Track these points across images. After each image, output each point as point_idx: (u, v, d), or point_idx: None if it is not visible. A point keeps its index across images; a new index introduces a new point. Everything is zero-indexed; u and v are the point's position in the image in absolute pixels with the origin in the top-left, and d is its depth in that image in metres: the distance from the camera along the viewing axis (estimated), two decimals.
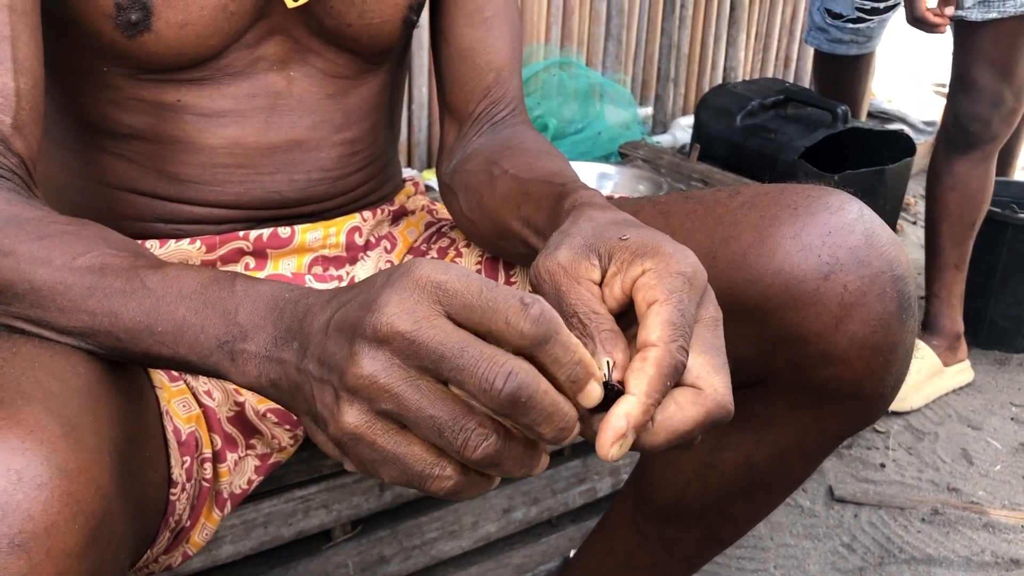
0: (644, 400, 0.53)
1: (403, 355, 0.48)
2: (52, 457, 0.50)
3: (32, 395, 0.53)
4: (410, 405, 0.48)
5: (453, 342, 0.47)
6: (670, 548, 0.98)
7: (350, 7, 0.86)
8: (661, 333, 0.55)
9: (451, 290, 0.49)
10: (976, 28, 1.82)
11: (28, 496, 0.49)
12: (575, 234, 0.63)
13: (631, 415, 0.53)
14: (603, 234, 0.62)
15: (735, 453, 0.88)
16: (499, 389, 0.47)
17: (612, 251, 0.61)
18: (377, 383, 0.48)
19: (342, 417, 0.50)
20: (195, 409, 0.82)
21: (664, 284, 0.57)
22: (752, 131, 2.08)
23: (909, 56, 4.23)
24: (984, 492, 1.71)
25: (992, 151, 1.93)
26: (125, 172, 0.88)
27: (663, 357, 0.54)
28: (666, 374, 0.54)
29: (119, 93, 0.84)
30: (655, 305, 0.56)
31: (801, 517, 1.60)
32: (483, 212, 0.89)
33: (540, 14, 2.66)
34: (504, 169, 0.87)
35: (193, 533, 0.82)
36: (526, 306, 0.48)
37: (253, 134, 0.87)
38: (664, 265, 0.58)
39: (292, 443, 0.92)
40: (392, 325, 0.48)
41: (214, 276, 0.60)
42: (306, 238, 0.93)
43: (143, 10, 0.78)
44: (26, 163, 0.72)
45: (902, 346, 0.78)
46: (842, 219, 0.75)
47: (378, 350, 0.48)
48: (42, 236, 0.63)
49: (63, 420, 0.53)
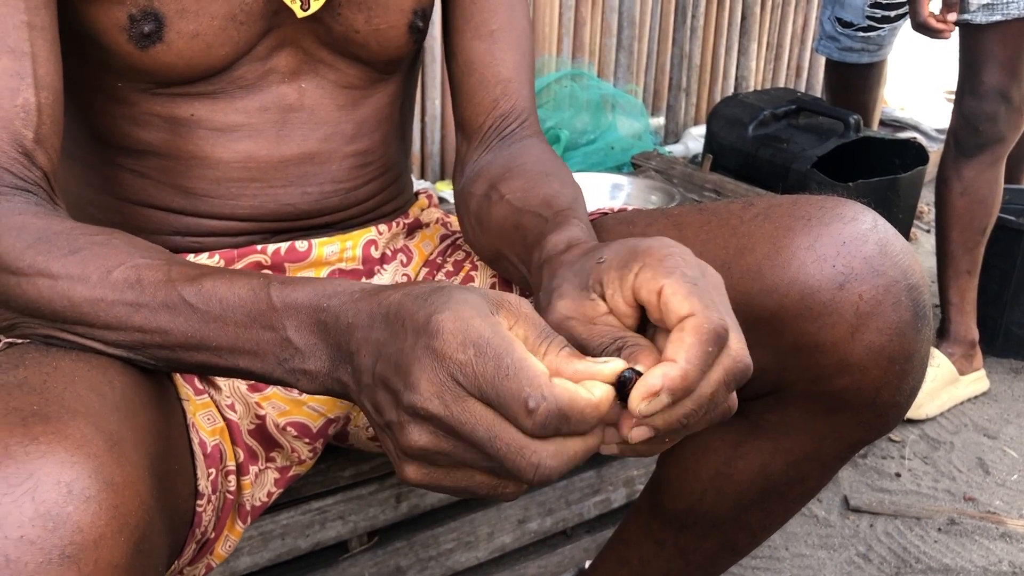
0: (683, 365, 0.54)
1: (445, 430, 0.52)
2: (100, 471, 0.52)
3: (77, 410, 0.55)
4: (465, 459, 0.53)
5: (483, 430, 0.51)
6: (686, 557, 0.99)
7: (357, 12, 0.87)
8: (690, 304, 0.56)
9: (468, 374, 0.51)
10: (982, 31, 1.82)
11: (78, 509, 0.50)
12: (560, 284, 0.65)
13: (668, 375, 0.54)
14: (582, 269, 0.64)
15: (751, 462, 0.88)
16: (529, 478, 0.52)
17: (599, 277, 0.62)
18: (429, 451, 0.53)
19: (406, 471, 0.55)
20: (219, 422, 0.83)
21: (660, 269, 0.59)
22: (764, 141, 2.09)
23: (921, 64, 4.22)
24: (1001, 502, 1.70)
25: (1000, 154, 1.93)
26: (141, 187, 0.89)
27: (700, 324, 0.55)
28: (706, 340, 0.55)
29: (134, 109, 0.85)
30: (664, 288, 0.58)
31: (816, 527, 1.59)
32: (483, 238, 0.91)
33: (552, 26, 2.67)
34: (501, 194, 0.88)
35: (217, 545, 0.83)
36: (531, 412, 0.51)
37: (265, 148, 0.88)
38: (651, 256, 0.60)
39: (311, 456, 0.93)
40: (427, 409, 0.52)
41: (248, 284, 0.62)
42: (323, 252, 0.94)
43: (156, 21, 0.79)
44: (48, 176, 0.73)
45: (917, 355, 0.78)
46: (856, 229, 0.76)
47: (422, 425, 0.53)
48: (73, 251, 0.65)
49: (107, 435, 0.54)
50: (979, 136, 1.90)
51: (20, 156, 0.71)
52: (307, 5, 0.84)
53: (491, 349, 0.51)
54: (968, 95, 1.90)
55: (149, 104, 0.85)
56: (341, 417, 0.93)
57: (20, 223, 0.67)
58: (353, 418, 0.96)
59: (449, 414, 0.51)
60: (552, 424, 0.51)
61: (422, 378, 0.52)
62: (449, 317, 0.52)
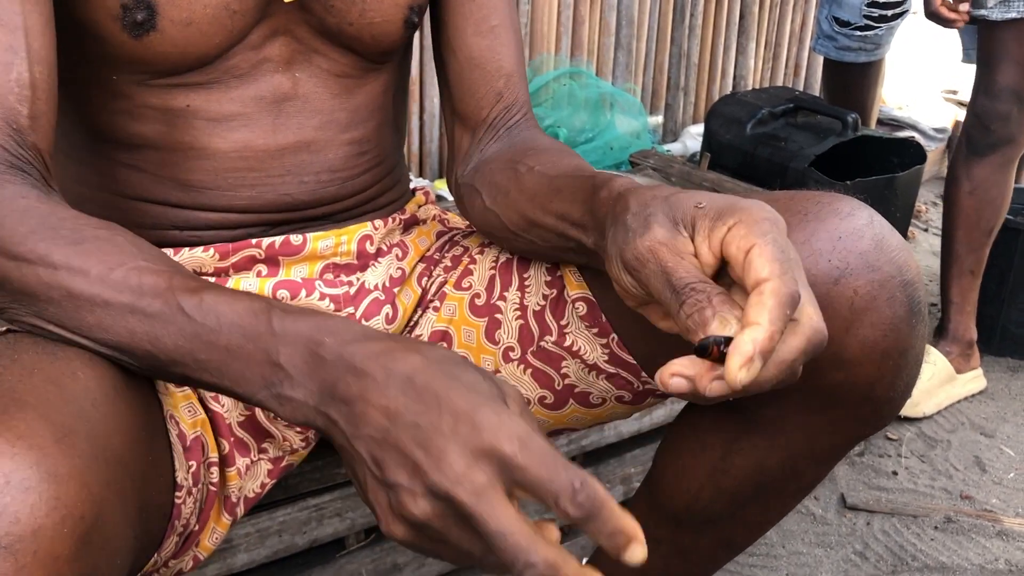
0: (768, 327, 0.57)
1: (457, 515, 0.53)
2: (42, 462, 0.51)
3: (26, 402, 0.55)
4: (452, 541, 0.55)
5: (500, 526, 0.52)
6: (683, 554, 0.99)
7: (351, 6, 0.87)
8: (771, 268, 0.59)
9: (514, 465, 0.53)
10: (997, 28, 1.80)
11: (15, 500, 0.50)
12: (655, 212, 0.67)
13: (757, 340, 0.57)
14: (679, 206, 0.66)
15: (747, 458, 0.88)
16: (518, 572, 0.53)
17: (694, 220, 0.65)
18: (429, 525, 0.54)
19: (394, 529, 0.56)
20: (200, 414, 0.83)
21: (755, 230, 0.61)
22: (762, 140, 2.09)
23: (919, 63, 4.22)
24: (997, 500, 1.70)
25: (1012, 156, 1.92)
26: (138, 182, 0.89)
27: (779, 288, 0.58)
28: (784, 303, 0.58)
29: (129, 102, 0.85)
30: (755, 248, 0.61)
31: (813, 525, 1.60)
32: (509, 205, 0.90)
33: (550, 24, 2.67)
34: (530, 166, 0.89)
35: (203, 537, 0.83)
36: (575, 492, 0.52)
37: (262, 136, 0.88)
38: (748, 216, 0.62)
39: (304, 445, 0.93)
40: (455, 493, 0.53)
41: (249, 306, 0.62)
42: (318, 246, 0.94)
43: (148, 9, 0.79)
44: (43, 154, 0.73)
45: (912, 350, 0.78)
46: (852, 225, 0.76)
47: (434, 502, 0.54)
48: (76, 242, 0.64)
49: (56, 426, 0.54)
50: (991, 135, 1.89)
51: (14, 133, 0.70)
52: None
53: (536, 444, 0.54)
54: (982, 93, 1.89)
55: (144, 96, 0.85)
56: None
57: (23, 206, 0.66)
58: None
59: (475, 503, 0.52)
60: (587, 510, 0.53)
61: (457, 463, 0.53)
62: (492, 413, 0.54)
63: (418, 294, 1.00)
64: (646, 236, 0.65)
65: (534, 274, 0.95)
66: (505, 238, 0.94)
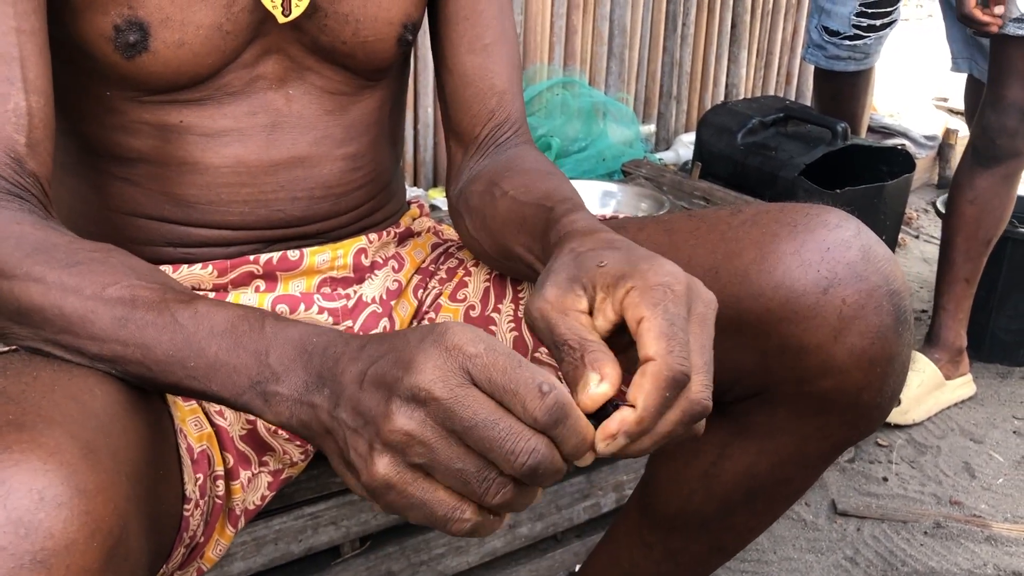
0: (640, 412, 0.58)
1: (437, 417, 0.53)
2: (72, 478, 0.52)
3: (53, 418, 0.56)
4: (440, 459, 0.53)
5: (485, 415, 0.53)
6: (674, 559, 1.00)
7: (344, 25, 0.88)
8: (656, 347, 0.59)
9: (480, 364, 0.53)
10: (1009, 43, 1.80)
11: (49, 515, 0.51)
12: (558, 270, 0.67)
13: (625, 422, 0.58)
14: (583, 264, 0.67)
15: (737, 463, 0.90)
16: (522, 462, 0.53)
17: (594, 279, 0.65)
18: (412, 438, 0.53)
19: (375, 467, 0.54)
20: (207, 428, 0.84)
21: (647, 298, 0.61)
22: (753, 149, 2.11)
23: (911, 71, 4.25)
24: (986, 505, 1.72)
25: (1016, 169, 1.92)
26: (132, 197, 0.90)
27: (660, 370, 0.58)
28: (663, 386, 0.58)
29: (123, 117, 0.86)
30: (644, 321, 0.60)
31: (804, 531, 1.61)
32: (487, 233, 0.92)
33: (543, 34, 2.69)
34: (504, 190, 0.90)
35: (207, 549, 0.84)
36: (543, 394, 0.53)
37: (255, 152, 0.89)
38: (643, 281, 0.62)
39: (303, 458, 0.94)
40: (429, 390, 0.53)
41: (243, 314, 0.63)
42: (314, 260, 0.95)
43: (140, 31, 0.80)
44: (41, 181, 0.74)
45: (899, 358, 0.80)
46: (840, 236, 0.78)
47: (414, 409, 0.53)
48: (71, 264, 0.65)
49: (82, 442, 0.55)
50: (996, 149, 1.89)
51: (12, 162, 0.71)
52: (288, 11, 0.85)
53: (501, 347, 0.54)
54: (989, 107, 1.88)
55: (138, 112, 0.86)
56: None
57: (19, 232, 0.67)
58: None
59: (452, 396, 0.52)
60: (556, 414, 0.53)
61: (427, 363, 0.53)
62: (457, 325, 0.55)
63: (414, 306, 1.01)
64: (539, 296, 0.66)
65: (528, 287, 0.97)
66: (493, 262, 0.96)
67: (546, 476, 0.54)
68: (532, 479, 0.54)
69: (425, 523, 0.56)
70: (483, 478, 0.53)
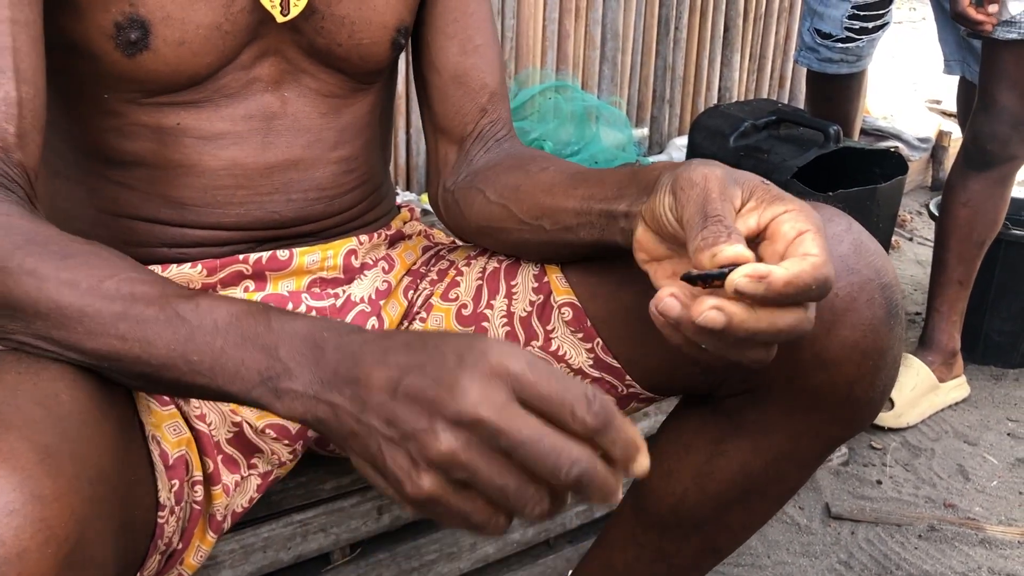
0: (790, 275, 0.62)
1: (482, 438, 0.53)
2: (26, 484, 0.52)
3: (10, 423, 0.55)
4: (483, 478, 0.54)
5: (532, 433, 0.53)
6: (668, 559, 1.00)
7: (340, 27, 0.89)
8: (821, 251, 0.63)
9: (526, 381, 0.54)
10: (998, 47, 1.79)
11: (0, 523, 0.50)
12: (716, 167, 0.70)
13: (774, 274, 0.62)
14: (743, 175, 0.70)
15: (731, 460, 0.90)
16: (567, 474, 0.53)
17: (754, 190, 0.69)
18: (457, 460, 0.53)
19: (422, 484, 0.54)
20: (185, 432, 0.83)
21: (812, 221, 0.66)
22: (745, 152, 2.10)
23: (904, 73, 4.26)
24: (981, 508, 1.71)
25: (1009, 172, 1.92)
26: (128, 199, 0.90)
27: (819, 264, 0.63)
28: (815, 276, 0.63)
29: (120, 120, 0.86)
30: (809, 234, 0.65)
31: (798, 534, 1.61)
32: (518, 198, 0.92)
33: (536, 38, 2.69)
34: (543, 167, 0.92)
35: (187, 555, 0.83)
36: (590, 401, 0.54)
37: (251, 155, 0.90)
38: (806, 209, 0.67)
39: (291, 458, 0.94)
40: (477, 414, 0.53)
41: (247, 308, 0.62)
42: (304, 260, 0.95)
43: (142, 29, 0.80)
44: (28, 172, 0.73)
45: (891, 351, 0.81)
46: (831, 231, 0.78)
47: (459, 431, 0.53)
48: (65, 256, 0.64)
49: (40, 447, 0.54)
50: (987, 154, 1.88)
51: (0, 151, 0.71)
52: (287, 10, 0.86)
53: (540, 361, 0.55)
54: (981, 111, 1.88)
55: (136, 114, 0.86)
56: None
57: (6, 223, 0.66)
58: None
59: (500, 418, 0.53)
60: (605, 417, 0.54)
61: (473, 386, 0.53)
62: (495, 343, 0.55)
63: (404, 306, 1.01)
64: (706, 168, 0.69)
65: (521, 280, 0.97)
66: (507, 229, 0.95)
67: (592, 487, 0.54)
68: (580, 491, 0.54)
69: (458, 527, 0.57)
70: (522, 494, 0.54)
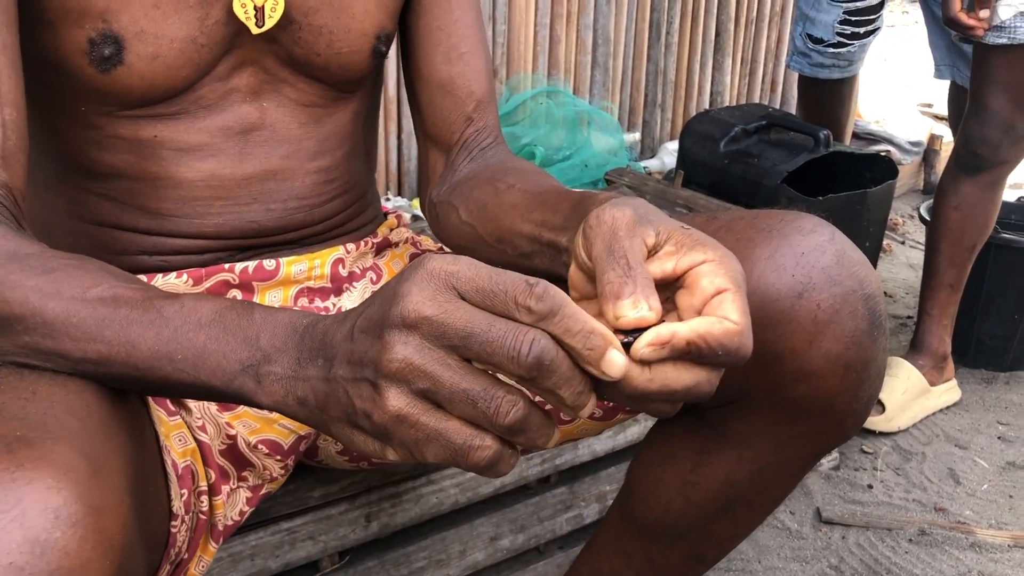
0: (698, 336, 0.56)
1: (432, 337, 0.52)
2: (85, 496, 0.52)
3: (59, 435, 0.55)
4: (444, 381, 0.52)
5: (479, 320, 0.52)
6: (655, 568, 1.00)
7: (318, 37, 0.88)
8: (739, 318, 0.58)
9: (463, 277, 0.53)
10: (988, 51, 1.80)
11: (65, 534, 0.51)
12: (634, 206, 0.66)
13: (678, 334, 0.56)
14: (664, 218, 0.66)
15: (716, 470, 0.90)
16: (525, 354, 0.51)
17: (671, 234, 0.64)
18: (412, 364, 0.52)
19: (385, 402, 0.53)
20: (191, 443, 0.83)
21: (732, 278, 0.61)
22: (735, 157, 2.11)
23: (896, 77, 4.27)
24: (971, 512, 1.72)
25: (1000, 176, 1.92)
26: (108, 210, 0.90)
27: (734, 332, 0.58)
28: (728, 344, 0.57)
29: (98, 132, 0.86)
30: (728, 294, 0.60)
31: (789, 539, 1.61)
32: (485, 218, 0.91)
33: (527, 43, 2.70)
34: (510, 184, 0.91)
35: (191, 565, 0.83)
36: (531, 286, 0.53)
37: (229, 166, 0.89)
38: (727, 262, 0.62)
39: (283, 473, 0.94)
40: (419, 311, 0.52)
41: (231, 304, 0.62)
42: (291, 270, 0.95)
43: (115, 45, 0.80)
44: (13, 193, 0.73)
45: (874, 363, 0.80)
46: (814, 241, 0.78)
47: (408, 335, 0.53)
48: (47, 270, 0.64)
49: (90, 459, 0.54)
50: (978, 159, 1.89)
51: None
52: (261, 22, 0.85)
53: (482, 264, 0.54)
54: (972, 115, 1.88)
55: (113, 127, 0.86)
56: (311, 433, 0.94)
57: None
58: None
59: (443, 311, 0.52)
60: (550, 300, 0.52)
61: (412, 289, 0.53)
62: (435, 254, 0.55)
63: None
64: (616, 209, 0.65)
65: None
66: (477, 249, 0.95)
67: (559, 373, 0.52)
68: (541, 375, 0.52)
69: (444, 458, 0.54)
70: (491, 396, 0.53)
